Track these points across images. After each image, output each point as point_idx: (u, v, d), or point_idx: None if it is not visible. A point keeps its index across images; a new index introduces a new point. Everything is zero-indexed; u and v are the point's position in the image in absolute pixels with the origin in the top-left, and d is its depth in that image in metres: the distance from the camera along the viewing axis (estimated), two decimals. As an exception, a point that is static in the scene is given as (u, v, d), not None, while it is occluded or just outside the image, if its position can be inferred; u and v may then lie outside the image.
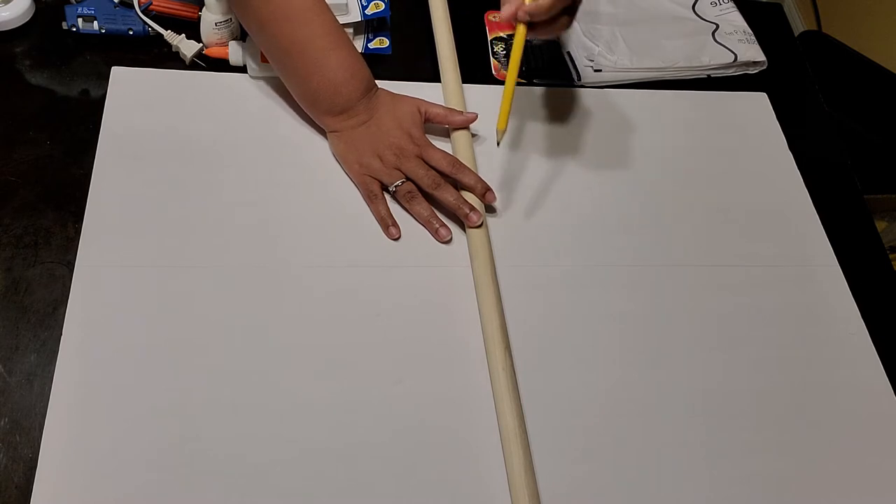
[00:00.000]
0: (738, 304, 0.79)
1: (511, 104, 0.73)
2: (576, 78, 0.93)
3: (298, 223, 0.77)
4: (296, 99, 0.81)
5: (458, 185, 0.79)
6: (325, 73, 0.78)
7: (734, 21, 1.00)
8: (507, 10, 0.71)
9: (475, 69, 0.79)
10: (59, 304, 0.69)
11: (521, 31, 0.72)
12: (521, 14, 0.70)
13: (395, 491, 0.64)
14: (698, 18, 1.00)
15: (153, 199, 0.76)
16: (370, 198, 0.78)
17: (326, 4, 0.78)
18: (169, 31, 0.86)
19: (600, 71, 0.93)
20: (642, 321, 0.76)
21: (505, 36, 0.95)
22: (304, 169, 0.80)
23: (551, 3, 0.70)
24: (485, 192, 0.79)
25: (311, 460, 0.64)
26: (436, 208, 0.79)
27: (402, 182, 0.78)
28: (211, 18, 0.84)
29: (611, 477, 0.67)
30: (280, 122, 0.83)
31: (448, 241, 0.78)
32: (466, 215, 0.77)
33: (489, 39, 0.95)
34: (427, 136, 0.82)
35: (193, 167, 0.78)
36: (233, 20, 0.85)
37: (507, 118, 0.73)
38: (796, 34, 1.23)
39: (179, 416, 0.65)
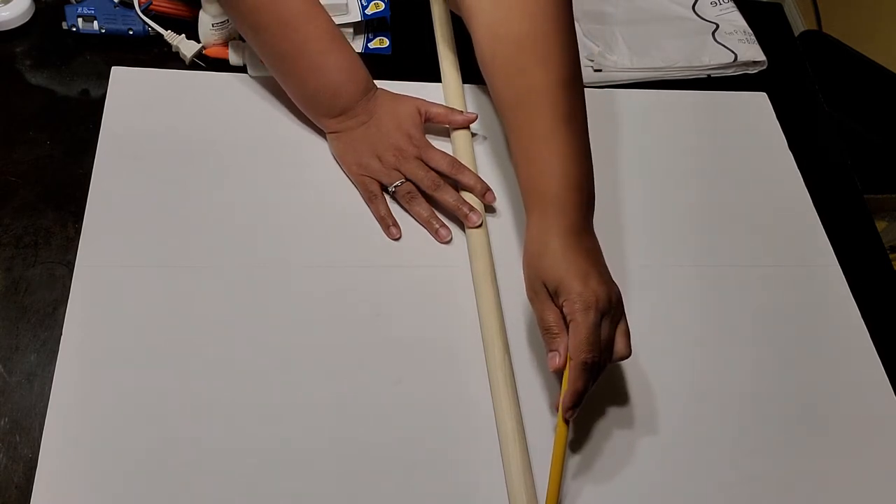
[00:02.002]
0: (738, 304, 0.79)
1: (559, 486, 0.63)
2: (576, 78, 0.93)
3: (298, 223, 0.77)
4: (294, 101, 0.81)
5: (457, 186, 0.80)
6: (323, 75, 0.78)
7: (734, 21, 1.00)
8: (552, 362, 0.65)
9: (475, 69, 0.79)
10: (59, 304, 0.69)
11: (561, 433, 0.64)
12: (567, 415, 0.63)
13: (393, 491, 0.64)
14: (698, 18, 1.00)
15: (153, 199, 0.76)
16: (370, 198, 0.78)
17: (322, 7, 0.78)
18: (169, 31, 0.86)
19: (600, 71, 0.93)
20: (642, 321, 0.75)
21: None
22: (304, 169, 0.80)
23: (583, 387, 0.63)
24: (485, 192, 0.79)
25: (311, 460, 0.64)
26: (436, 209, 0.79)
27: (402, 183, 0.78)
28: (208, 19, 0.84)
29: (610, 478, 0.67)
30: (280, 121, 0.83)
31: (448, 242, 0.78)
32: (466, 216, 0.77)
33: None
34: (427, 136, 0.82)
35: (193, 167, 0.78)
36: (230, 21, 0.84)
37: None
38: (796, 34, 1.23)
39: (179, 416, 0.65)
